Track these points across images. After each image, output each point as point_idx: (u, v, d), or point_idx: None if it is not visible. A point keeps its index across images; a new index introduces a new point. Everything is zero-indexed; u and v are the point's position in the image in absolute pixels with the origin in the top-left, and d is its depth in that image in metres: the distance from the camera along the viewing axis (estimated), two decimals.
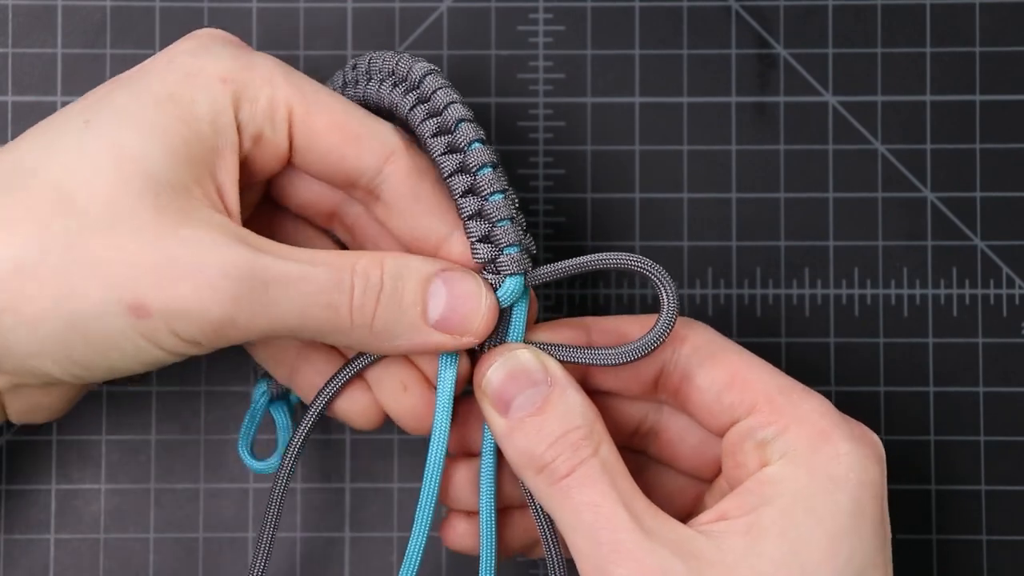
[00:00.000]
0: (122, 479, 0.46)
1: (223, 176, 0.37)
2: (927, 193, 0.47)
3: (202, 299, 0.35)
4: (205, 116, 0.37)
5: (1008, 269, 0.47)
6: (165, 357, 0.37)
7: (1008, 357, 0.46)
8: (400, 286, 0.38)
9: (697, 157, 0.47)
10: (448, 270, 0.39)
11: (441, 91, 0.39)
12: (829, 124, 0.47)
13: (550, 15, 0.47)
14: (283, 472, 0.41)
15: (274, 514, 0.40)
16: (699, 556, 0.35)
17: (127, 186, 0.35)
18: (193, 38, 0.39)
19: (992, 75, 0.47)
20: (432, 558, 0.46)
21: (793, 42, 0.47)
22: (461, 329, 0.38)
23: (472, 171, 0.39)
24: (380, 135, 0.39)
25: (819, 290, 0.47)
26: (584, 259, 0.39)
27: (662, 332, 0.38)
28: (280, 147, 0.39)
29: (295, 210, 0.42)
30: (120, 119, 0.36)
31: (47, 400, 0.40)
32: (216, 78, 0.37)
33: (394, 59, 0.40)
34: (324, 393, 0.41)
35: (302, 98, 0.38)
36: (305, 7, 0.47)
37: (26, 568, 0.46)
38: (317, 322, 0.37)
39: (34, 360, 0.36)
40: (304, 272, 0.36)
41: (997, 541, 0.46)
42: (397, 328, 0.38)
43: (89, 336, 0.35)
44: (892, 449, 0.46)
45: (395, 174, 0.39)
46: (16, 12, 0.47)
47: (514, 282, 0.39)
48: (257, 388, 0.43)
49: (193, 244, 0.35)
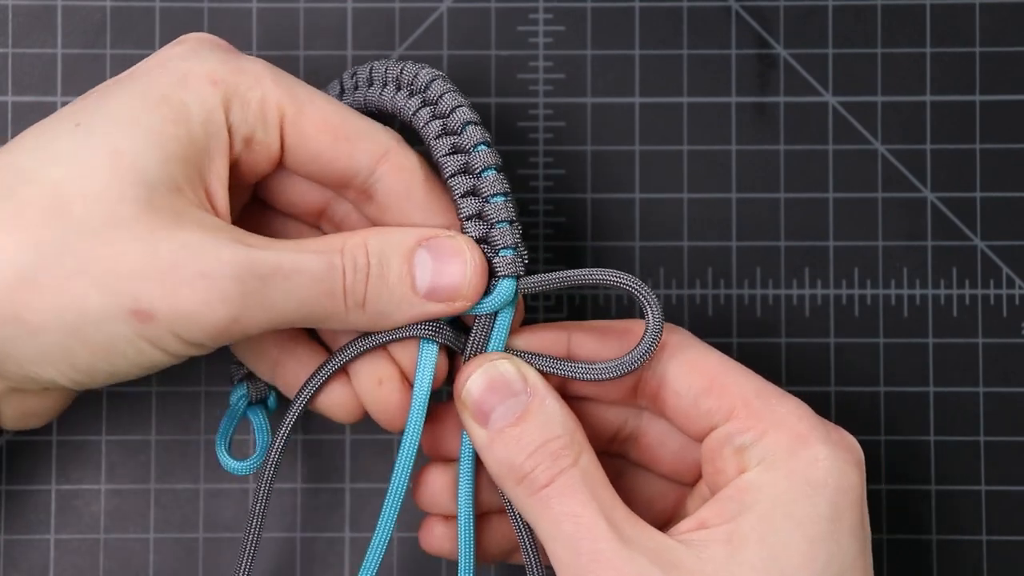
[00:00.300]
0: (122, 479, 0.46)
1: (214, 177, 0.38)
2: (927, 193, 0.47)
3: (206, 301, 0.35)
4: (196, 118, 0.37)
5: (1008, 269, 0.47)
6: (167, 360, 0.37)
7: (1008, 357, 0.46)
8: (385, 262, 0.38)
9: (697, 157, 0.47)
10: (431, 237, 0.39)
11: (448, 95, 0.40)
12: (829, 124, 0.47)
13: (550, 15, 0.47)
14: (268, 467, 0.40)
15: (260, 509, 0.40)
16: (679, 566, 0.35)
17: (122, 189, 0.35)
18: (183, 42, 0.39)
19: (992, 75, 0.47)
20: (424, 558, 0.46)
21: (793, 42, 0.47)
22: (452, 295, 0.39)
23: (476, 172, 0.39)
24: (373, 135, 0.39)
25: (819, 290, 0.47)
26: (572, 274, 0.39)
27: (647, 350, 0.38)
28: (271, 148, 0.39)
29: (282, 209, 0.42)
30: (113, 122, 0.37)
31: (42, 405, 0.40)
32: (207, 81, 0.38)
33: (397, 66, 0.41)
34: (308, 387, 0.41)
35: (293, 100, 0.39)
36: (305, 7, 0.47)
37: (26, 568, 0.46)
38: (315, 309, 0.37)
39: (35, 367, 0.36)
40: (297, 262, 0.37)
41: (997, 541, 0.46)
42: (389, 305, 0.38)
43: (91, 342, 0.35)
44: (892, 449, 0.46)
45: (390, 173, 0.39)
46: (16, 12, 0.47)
47: (507, 285, 0.39)
48: (235, 391, 0.43)
49: (192, 247, 0.35)
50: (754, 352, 0.46)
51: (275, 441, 0.41)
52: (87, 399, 0.46)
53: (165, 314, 0.35)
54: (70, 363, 0.36)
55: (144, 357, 0.36)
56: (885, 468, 0.46)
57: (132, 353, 0.36)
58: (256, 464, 0.42)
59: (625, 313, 0.47)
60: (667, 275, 0.47)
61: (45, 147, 0.36)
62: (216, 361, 0.46)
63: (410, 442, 0.40)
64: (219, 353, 0.46)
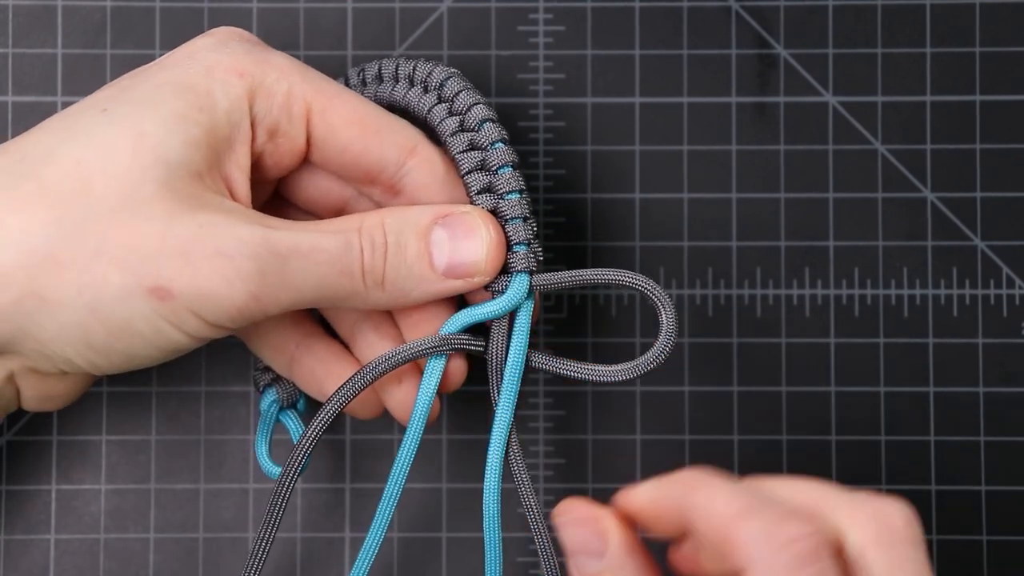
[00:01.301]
0: (122, 479, 0.46)
1: (234, 166, 0.38)
2: (927, 193, 0.47)
3: (225, 279, 0.36)
4: (220, 106, 0.37)
5: (1008, 269, 0.47)
6: (187, 342, 0.37)
7: (1008, 357, 0.46)
8: (402, 241, 0.38)
9: (697, 157, 0.47)
10: (447, 215, 0.39)
11: (465, 92, 0.40)
12: (829, 124, 0.47)
13: (550, 15, 0.47)
14: (288, 474, 0.40)
15: (277, 516, 0.40)
16: None
17: (144, 171, 0.36)
18: (212, 35, 0.40)
19: (992, 75, 0.47)
20: (432, 557, 0.46)
21: (793, 42, 0.47)
22: (470, 271, 0.39)
23: (492, 169, 0.40)
24: (401, 129, 0.40)
25: (819, 290, 0.47)
26: (586, 273, 0.40)
27: (662, 350, 0.39)
28: (296, 142, 0.39)
29: (303, 206, 0.42)
30: (138, 107, 0.37)
31: (60, 388, 0.40)
32: (233, 72, 0.38)
33: (409, 63, 0.41)
34: (335, 400, 0.40)
35: (319, 94, 0.39)
36: (305, 7, 0.47)
37: (26, 568, 0.46)
38: (335, 289, 0.38)
39: (53, 345, 0.36)
40: (316, 242, 0.37)
41: (997, 541, 0.46)
42: (408, 283, 0.39)
43: (109, 321, 0.36)
44: (892, 449, 0.46)
45: (419, 167, 0.40)
46: (16, 12, 0.47)
47: (521, 280, 0.39)
48: (265, 397, 0.43)
49: (211, 227, 0.36)
50: (754, 352, 0.46)
51: (300, 447, 0.40)
52: (87, 399, 0.46)
53: (184, 292, 0.35)
54: (87, 342, 0.36)
55: (163, 338, 0.36)
56: (885, 468, 0.46)
57: (151, 333, 0.36)
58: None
59: (626, 314, 0.47)
60: (667, 275, 0.47)
61: (70, 128, 0.37)
62: (216, 361, 0.46)
63: (407, 451, 0.40)
64: (220, 353, 0.46)
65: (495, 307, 0.40)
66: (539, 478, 0.46)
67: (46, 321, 0.36)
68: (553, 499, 0.46)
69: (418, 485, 0.46)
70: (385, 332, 0.41)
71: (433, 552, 0.46)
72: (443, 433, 0.46)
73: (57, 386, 0.40)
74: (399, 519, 0.46)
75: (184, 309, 0.36)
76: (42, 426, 0.46)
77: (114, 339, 0.36)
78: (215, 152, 0.37)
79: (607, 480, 0.46)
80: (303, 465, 0.40)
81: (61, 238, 0.35)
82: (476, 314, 0.40)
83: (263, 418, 0.43)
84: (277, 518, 0.40)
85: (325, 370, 0.41)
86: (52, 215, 0.35)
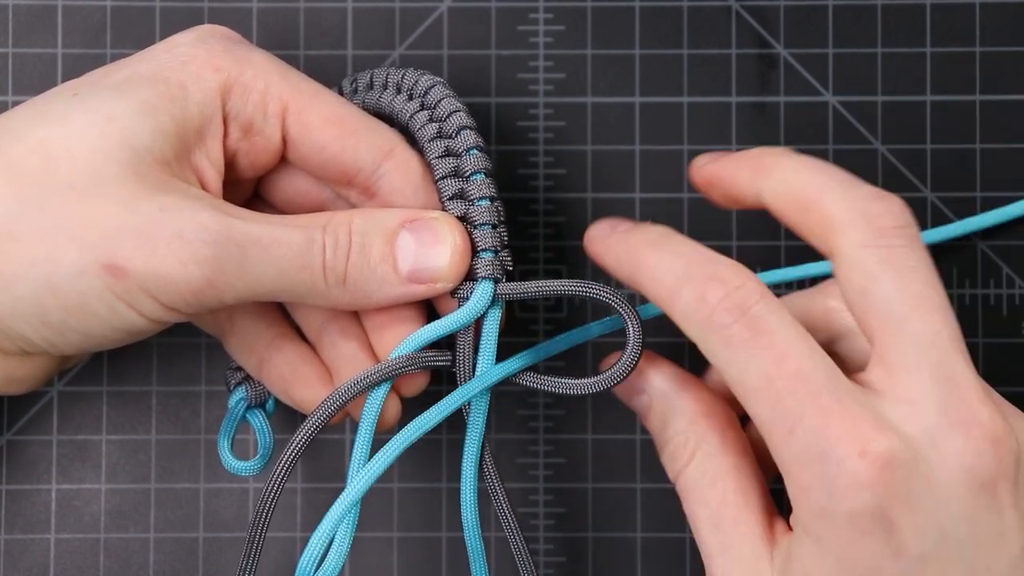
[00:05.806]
0: (122, 479, 0.46)
1: (205, 159, 0.38)
2: (927, 193, 0.47)
3: (180, 262, 0.36)
4: (193, 99, 0.38)
5: (1008, 269, 0.47)
6: (144, 324, 0.37)
7: (1008, 357, 0.46)
8: (367, 242, 0.38)
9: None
10: (415, 219, 0.39)
11: (446, 100, 0.40)
12: (829, 124, 0.47)
13: (550, 15, 0.47)
14: (275, 479, 0.39)
15: (264, 522, 0.39)
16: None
17: (109, 152, 0.36)
18: (194, 31, 0.40)
19: (992, 75, 0.47)
20: (431, 557, 0.46)
21: (793, 42, 0.47)
22: (433, 277, 0.39)
23: (465, 175, 0.40)
24: (379, 132, 0.40)
25: None
26: (552, 283, 0.40)
27: (628, 365, 0.39)
28: (272, 140, 0.39)
29: (281, 206, 0.42)
30: (109, 93, 0.37)
31: (23, 370, 0.39)
32: (209, 66, 0.38)
33: (399, 72, 0.41)
34: (316, 417, 0.39)
35: (298, 93, 0.39)
36: (305, 7, 0.47)
37: (26, 568, 0.46)
38: (294, 284, 0.38)
39: (9, 320, 0.36)
40: (278, 235, 0.37)
41: None
42: (370, 284, 0.39)
43: (63, 297, 0.36)
44: None
45: (394, 170, 0.40)
46: (16, 12, 0.47)
47: (485, 287, 0.39)
48: (233, 395, 0.43)
49: (173, 210, 0.36)
50: None
51: (282, 463, 0.39)
52: (87, 398, 0.46)
53: (139, 271, 0.36)
54: (42, 318, 0.36)
55: (118, 317, 0.36)
56: None
57: (105, 312, 0.36)
58: (259, 466, 0.42)
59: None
60: None
61: (40, 109, 0.37)
62: (217, 362, 0.46)
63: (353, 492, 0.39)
64: (219, 353, 0.46)
65: (457, 318, 0.39)
66: (539, 478, 0.46)
67: (0, 295, 0.36)
68: (553, 499, 0.46)
69: (418, 485, 0.46)
70: (351, 334, 0.41)
71: (433, 552, 0.46)
72: (443, 433, 0.46)
73: (20, 368, 0.39)
74: (399, 519, 0.46)
75: (138, 289, 0.36)
76: (42, 426, 0.46)
77: (69, 316, 0.36)
78: (184, 143, 0.37)
79: (607, 480, 0.46)
80: (273, 504, 0.40)
81: (19, 212, 0.35)
82: (440, 327, 0.40)
83: (228, 415, 0.43)
84: (261, 536, 0.39)
85: (292, 371, 0.41)
86: (10, 189, 0.36)
